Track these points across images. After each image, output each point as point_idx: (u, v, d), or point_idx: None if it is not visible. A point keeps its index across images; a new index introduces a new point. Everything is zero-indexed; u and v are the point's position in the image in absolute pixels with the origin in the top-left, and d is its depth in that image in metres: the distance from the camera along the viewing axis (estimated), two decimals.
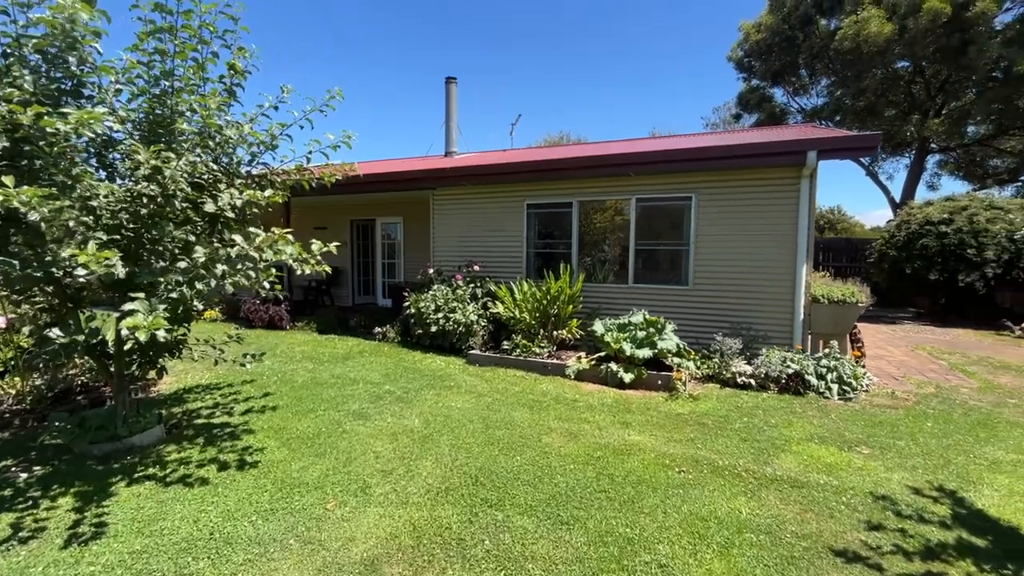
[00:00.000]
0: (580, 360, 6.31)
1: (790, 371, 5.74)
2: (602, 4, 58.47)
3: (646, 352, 5.87)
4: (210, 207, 3.48)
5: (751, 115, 22.24)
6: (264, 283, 3.52)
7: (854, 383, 5.65)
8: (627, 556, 2.69)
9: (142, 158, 3.14)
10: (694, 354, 6.42)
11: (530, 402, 5.23)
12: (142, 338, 2.59)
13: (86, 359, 4.66)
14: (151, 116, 3.60)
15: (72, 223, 2.98)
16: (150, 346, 3.85)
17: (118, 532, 2.88)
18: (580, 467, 3.73)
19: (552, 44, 67.71)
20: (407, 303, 7.92)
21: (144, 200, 3.34)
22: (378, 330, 8.48)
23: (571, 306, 7.04)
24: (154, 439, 4.13)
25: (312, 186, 4.43)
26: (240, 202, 3.44)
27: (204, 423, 4.60)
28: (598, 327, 6.44)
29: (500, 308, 7.25)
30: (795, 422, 4.76)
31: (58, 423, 3.94)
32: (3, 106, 2.84)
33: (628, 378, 5.75)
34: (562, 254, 8.04)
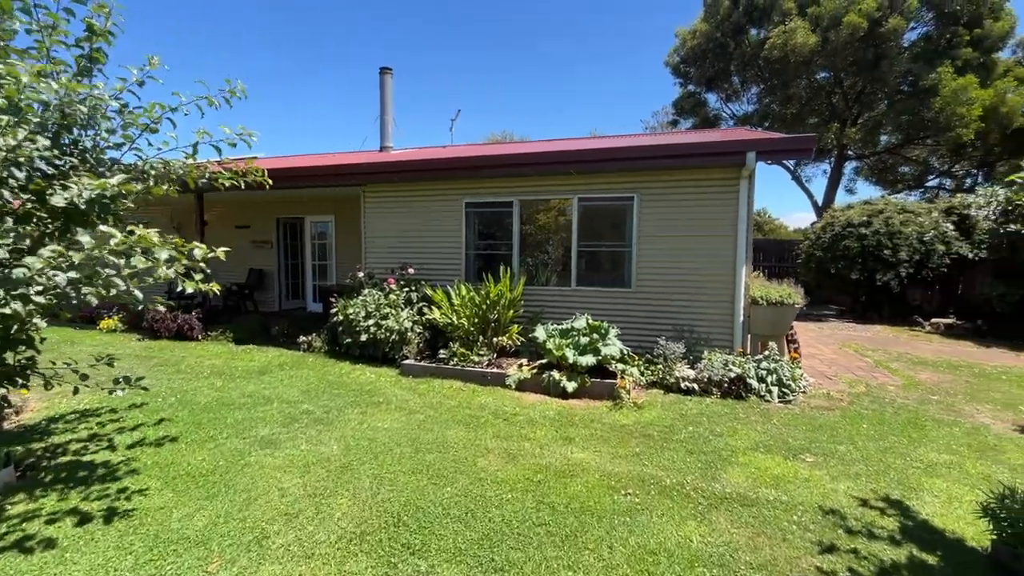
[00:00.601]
0: (521, 368, 5.95)
1: (732, 375, 5.65)
2: (547, 5, 58.90)
3: (589, 359, 5.60)
4: (58, 200, 2.78)
5: (687, 120, 22.90)
6: (136, 293, 2.87)
7: (793, 385, 5.64)
8: None
9: None
10: (638, 359, 6.23)
11: (466, 418, 4.79)
12: None
13: None
14: None
15: None
16: None
17: None
18: (518, 495, 3.34)
19: (498, 44, 67.48)
20: (334, 309, 7.26)
21: None
22: (303, 339, 7.74)
23: (512, 311, 6.68)
24: None
25: (198, 184, 3.74)
26: (89, 194, 2.76)
27: (71, 461, 3.82)
28: (540, 333, 6.11)
29: (436, 314, 6.76)
30: (740, 429, 4.63)
31: None
32: None
33: (571, 387, 5.45)
34: (503, 256, 7.67)
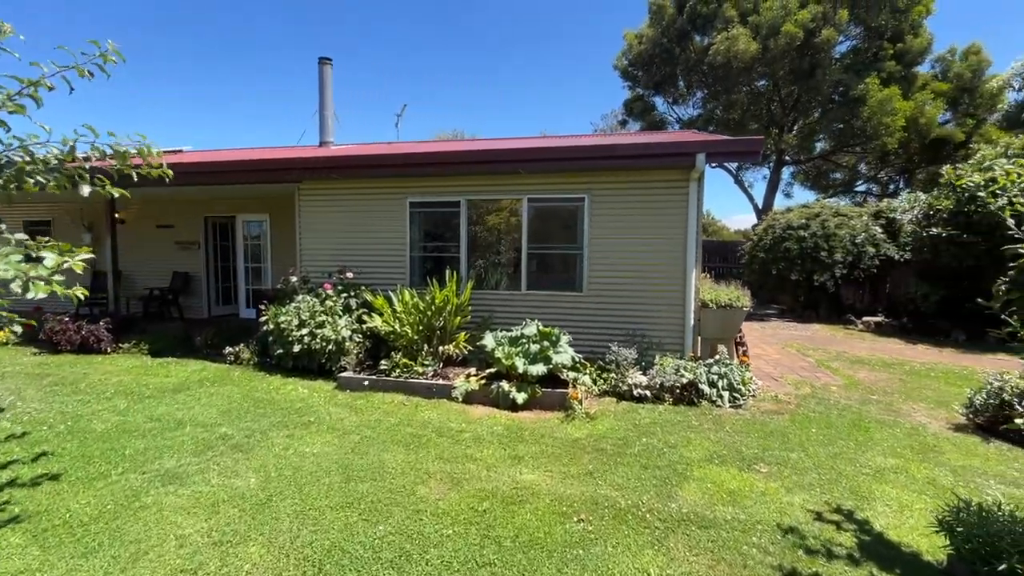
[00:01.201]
0: (469, 379, 5.60)
1: (684, 380, 5.55)
2: (498, 7, 58.65)
3: (540, 368, 5.33)
4: None
5: (636, 122, 23.26)
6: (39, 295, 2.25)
7: (743, 389, 5.60)
8: None
9: None
10: (590, 367, 6.02)
11: (407, 438, 4.39)
12: None
13: None
14: None
15: None
16: None
17: None
18: (461, 530, 2.99)
19: (445, 42, 66.56)
20: (264, 317, 6.63)
21: None
22: (229, 350, 7.04)
23: (459, 317, 6.31)
24: None
25: (67, 187, 3.06)
26: None
27: None
28: (488, 341, 5.78)
29: (378, 321, 6.30)
30: (693, 439, 4.48)
31: None
32: None
33: (521, 398, 5.15)
34: (450, 258, 7.28)
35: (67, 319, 7.76)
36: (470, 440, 4.38)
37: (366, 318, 6.47)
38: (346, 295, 6.72)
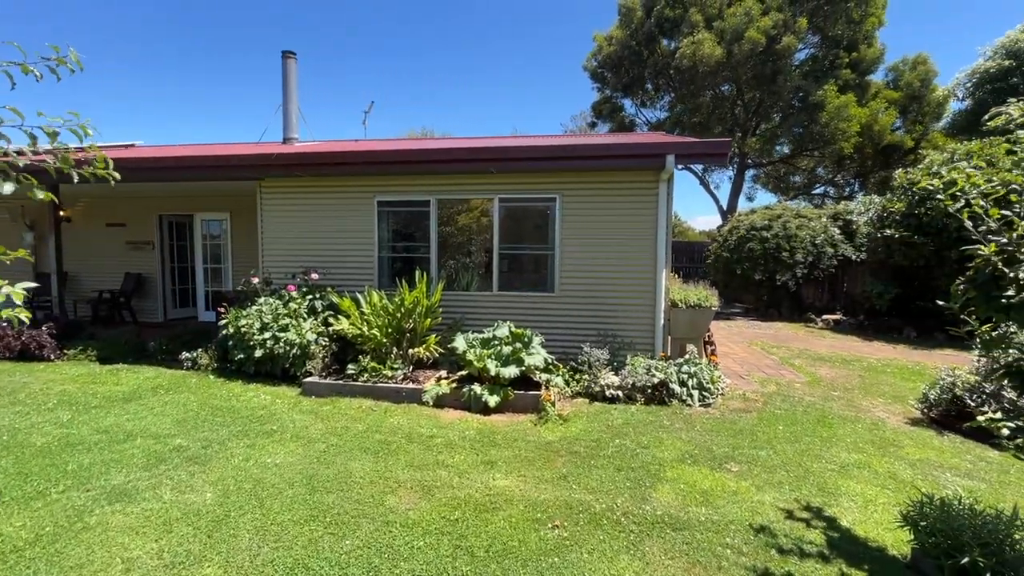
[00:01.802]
0: (440, 383, 5.47)
1: (655, 380, 5.58)
2: (469, 7, 58.34)
3: (512, 370, 5.25)
4: None
5: (605, 123, 23.50)
6: None
7: (712, 388, 5.67)
8: None
9: None
10: (563, 368, 5.99)
11: (376, 445, 4.24)
12: None
13: None
14: None
15: None
16: None
17: None
18: (433, 540, 2.89)
19: (416, 43, 65.81)
20: (224, 319, 6.33)
21: None
22: (186, 355, 6.69)
23: (429, 319, 6.18)
24: None
25: None
26: None
27: None
28: (460, 343, 5.67)
29: (344, 324, 6.09)
30: (665, 439, 4.50)
31: None
32: None
33: (494, 401, 5.07)
34: (420, 259, 7.13)
35: (5, 324, 7.22)
36: (441, 446, 4.26)
37: (332, 321, 6.26)
38: (311, 297, 6.49)
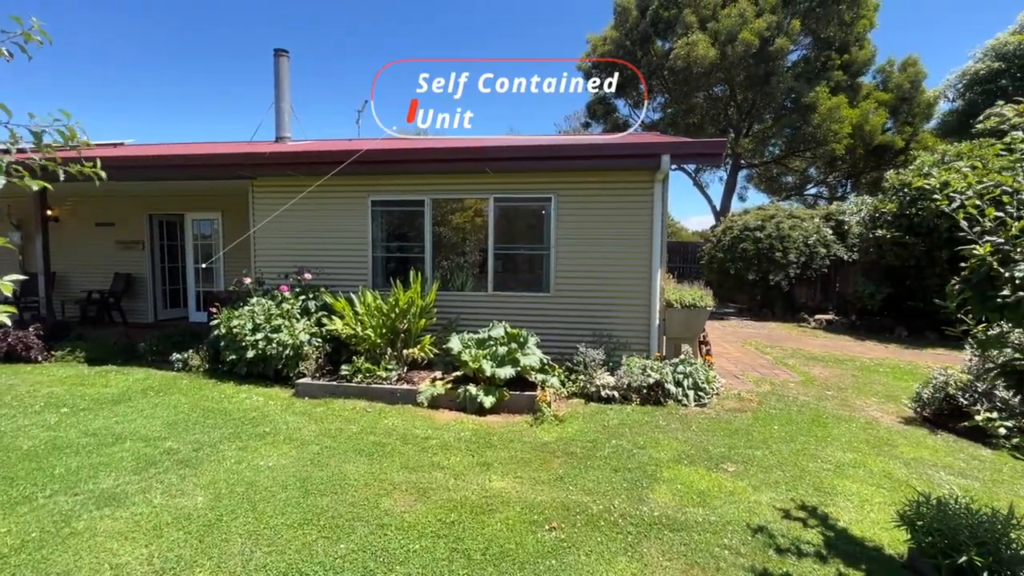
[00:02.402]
0: (435, 383, 5.44)
1: (651, 380, 5.57)
2: (465, 6, 58.28)
3: (508, 371, 5.22)
4: None
5: (599, 124, 23.55)
6: None
7: (708, 388, 5.68)
8: None
9: None
10: (559, 368, 5.97)
11: (370, 447, 4.20)
12: None
13: None
14: None
15: None
16: None
17: None
18: (429, 544, 2.86)
19: (405, 40, 65.58)
20: (216, 320, 6.25)
21: None
22: (177, 357, 6.60)
23: (424, 319, 6.14)
24: None
25: None
26: None
27: None
28: (454, 343, 5.63)
29: (338, 324, 6.04)
30: (661, 440, 4.49)
31: None
32: None
33: (489, 402, 5.04)
34: (415, 259, 7.08)
35: None
36: (437, 447, 4.23)
37: (326, 321, 6.20)
38: (304, 297, 6.42)
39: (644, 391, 5.55)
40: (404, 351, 5.99)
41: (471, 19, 59.10)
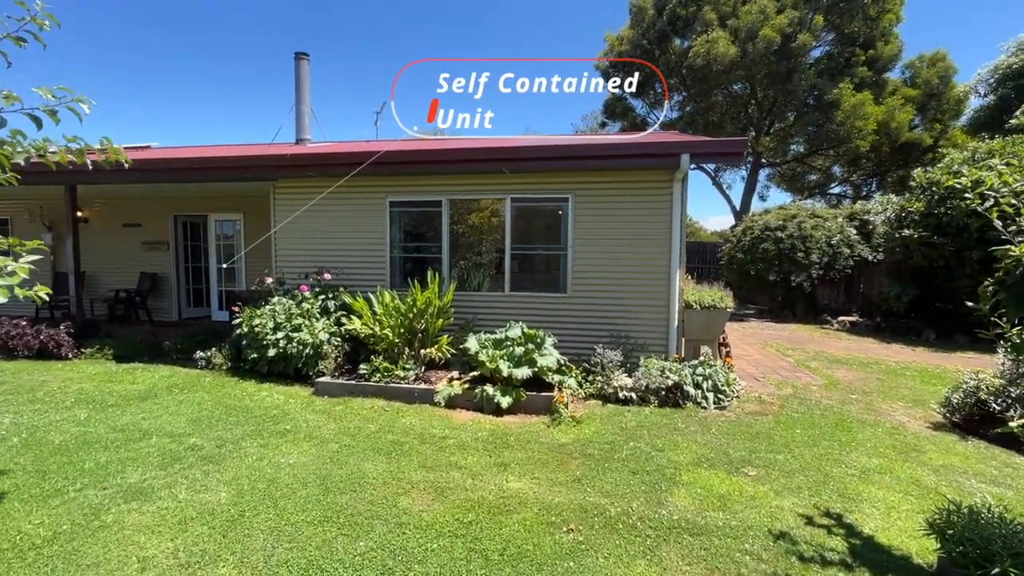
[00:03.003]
0: (452, 383, 5.46)
1: (669, 382, 5.51)
2: (479, 5, 58.48)
3: (525, 371, 5.22)
4: None
5: (616, 124, 23.37)
6: None
7: (728, 390, 5.59)
8: None
9: None
10: (576, 369, 5.94)
11: (389, 445, 4.23)
12: None
13: None
14: None
15: None
16: None
17: None
18: (446, 543, 2.87)
19: (420, 36, 66.03)
20: (238, 319, 6.37)
21: None
22: (200, 355, 6.74)
23: (441, 319, 6.16)
24: None
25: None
26: None
27: None
28: (471, 343, 5.65)
29: (357, 324, 6.10)
30: (680, 442, 4.44)
31: None
32: None
33: (506, 402, 5.04)
34: (432, 259, 7.12)
35: (24, 323, 7.34)
36: (454, 447, 4.24)
37: (345, 321, 6.27)
38: (324, 297, 6.51)
39: (662, 393, 5.49)
40: (421, 351, 6.03)
41: (488, 16, 59.22)
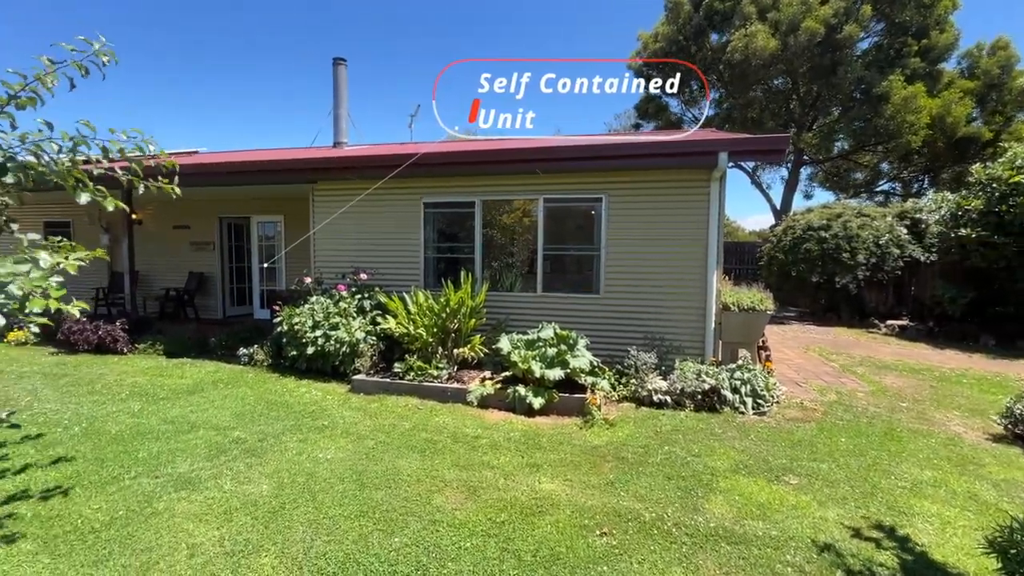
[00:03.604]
0: (484, 383, 5.49)
1: (706, 386, 5.37)
2: (509, 7, 58.67)
3: (557, 372, 5.20)
4: None
5: (649, 123, 23.01)
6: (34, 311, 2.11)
7: (767, 395, 5.42)
8: None
9: None
10: (609, 371, 5.88)
11: (422, 443, 4.29)
12: None
13: None
14: None
15: None
16: None
17: None
18: (479, 542, 2.88)
19: (453, 39, 66.70)
20: (279, 318, 6.59)
21: None
22: (243, 352, 7.01)
23: (474, 320, 6.21)
24: None
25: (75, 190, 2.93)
26: None
27: None
28: (504, 344, 5.67)
29: (392, 323, 6.22)
30: (717, 448, 4.32)
31: None
32: None
33: (538, 403, 5.03)
34: (465, 260, 7.18)
35: (84, 319, 7.80)
36: (487, 446, 4.26)
37: (380, 320, 6.40)
38: (360, 296, 6.66)
39: (698, 397, 5.37)
40: (454, 350, 6.09)
41: (509, 14, 59.25)
